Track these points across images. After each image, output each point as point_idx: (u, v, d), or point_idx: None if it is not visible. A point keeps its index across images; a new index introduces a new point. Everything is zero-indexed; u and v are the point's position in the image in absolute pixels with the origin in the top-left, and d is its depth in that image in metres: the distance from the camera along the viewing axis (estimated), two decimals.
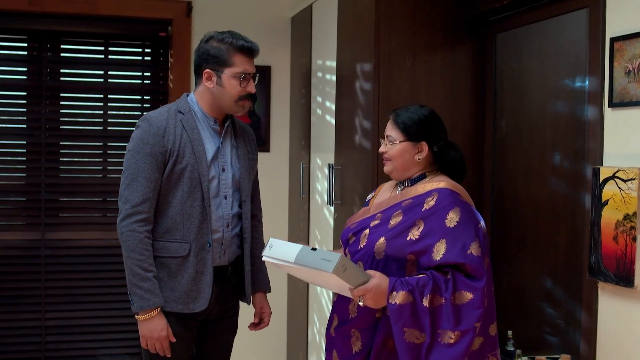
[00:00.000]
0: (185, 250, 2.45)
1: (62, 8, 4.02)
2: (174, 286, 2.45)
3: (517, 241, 3.03)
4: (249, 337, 3.04)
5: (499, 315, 2.26)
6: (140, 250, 2.38)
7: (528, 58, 3.02)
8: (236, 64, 2.46)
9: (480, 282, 2.05)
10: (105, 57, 4.25)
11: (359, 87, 3.15)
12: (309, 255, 2.01)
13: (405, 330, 2.02)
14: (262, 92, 4.31)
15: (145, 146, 2.40)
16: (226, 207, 2.53)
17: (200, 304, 2.47)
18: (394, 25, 3.01)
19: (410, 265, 2.13)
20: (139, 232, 2.38)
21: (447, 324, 2.02)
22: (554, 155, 2.87)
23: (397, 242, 2.14)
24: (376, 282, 2.04)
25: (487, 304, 2.10)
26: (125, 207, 2.39)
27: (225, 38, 2.48)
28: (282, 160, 4.39)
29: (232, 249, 2.57)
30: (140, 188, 2.39)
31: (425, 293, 2.03)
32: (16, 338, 4.13)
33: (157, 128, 2.42)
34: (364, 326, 2.20)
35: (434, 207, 2.14)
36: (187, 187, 2.44)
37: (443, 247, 2.07)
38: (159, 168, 2.42)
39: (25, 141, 4.17)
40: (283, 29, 4.33)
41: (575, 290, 2.60)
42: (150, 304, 2.37)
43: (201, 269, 2.46)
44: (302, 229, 4.03)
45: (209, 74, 2.48)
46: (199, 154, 2.45)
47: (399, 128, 2.28)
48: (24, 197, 4.17)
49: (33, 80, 4.14)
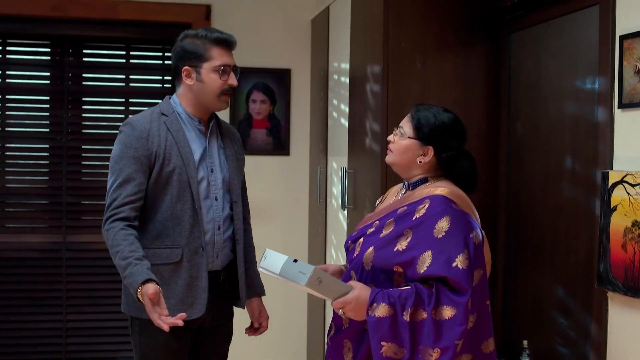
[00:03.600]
0: (177, 255, 2.38)
1: (84, 13, 4.06)
2: (168, 294, 2.35)
3: (533, 248, 2.92)
4: (269, 341, 2.98)
5: (513, 325, 2.15)
6: (118, 242, 2.26)
7: (545, 58, 2.91)
8: (214, 57, 2.40)
9: (464, 297, 1.93)
10: (126, 62, 4.28)
11: (369, 89, 3.09)
12: (289, 267, 1.96)
13: (383, 344, 1.94)
14: (282, 95, 4.29)
15: (128, 150, 2.36)
16: (217, 209, 2.46)
17: (197, 310, 2.39)
18: (403, 26, 2.93)
19: (398, 277, 2.04)
20: (114, 227, 2.29)
21: (428, 340, 1.93)
22: (571, 159, 2.75)
23: (384, 252, 2.06)
24: (356, 293, 1.97)
25: (480, 320, 2.00)
26: (107, 211, 2.35)
27: (199, 33, 2.43)
28: (302, 164, 4.34)
29: (224, 253, 2.50)
30: (123, 192, 2.33)
31: (406, 306, 1.94)
32: (38, 339, 4.17)
33: (141, 131, 2.37)
34: (356, 337, 2.12)
35: (423, 215, 2.04)
36: (175, 191, 2.38)
37: (429, 258, 1.97)
38: (143, 171, 2.36)
39: (48, 145, 4.22)
40: (303, 32, 4.29)
41: (586, 300, 2.49)
42: (136, 286, 2.15)
43: (195, 274, 2.40)
44: (320, 234, 3.98)
45: (188, 71, 2.42)
46: (186, 156, 2.39)
47: (412, 123, 2.16)
48: (46, 200, 4.22)
49: (56, 84, 4.19)
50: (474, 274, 1.99)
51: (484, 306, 2.04)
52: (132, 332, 2.47)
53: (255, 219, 4.22)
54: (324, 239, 3.90)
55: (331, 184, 3.78)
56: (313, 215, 4.23)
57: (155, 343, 2.41)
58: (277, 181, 4.33)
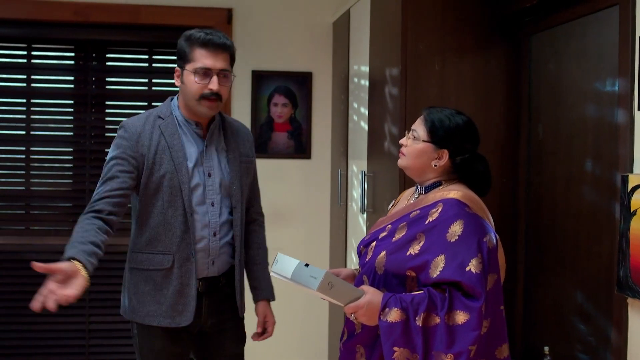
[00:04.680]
0: (168, 262, 2.36)
1: (106, 18, 4.09)
2: (160, 299, 2.36)
3: (554, 253, 2.87)
4: (290, 343, 2.96)
5: (534, 330, 2.11)
6: (76, 230, 2.18)
7: (566, 60, 2.86)
8: (195, 58, 2.32)
9: (477, 301, 1.90)
10: (149, 65, 4.31)
11: (388, 92, 3.07)
12: (301, 271, 1.94)
13: (395, 349, 1.91)
14: (304, 98, 4.28)
15: (117, 150, 2.34)
16: (213, 214, 2.41)
17: (187, 317, 2.38)
18: (421, 28, 2.90)
19: (410, 282, 2.01)
20: (81, 218, 2.23)
21: (441, 346, 1.89)
22: (592, 163, 2.70)
23: (396, 257, 2.03)
24: (368, 298, 1.94)
25: (494, 325, 1.96)
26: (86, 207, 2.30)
27: (192, 33, 2.36)
28: (323, 167, 4.33)
29: (222, 259, 2.46)
30: (103, 189, 2.29)
31: (419, 311, 1.91)
32: (61, 341, 4.22)
33: (132, 133, 2.35)
34: (369, 342, 2.09)
35: (436, 219, 2.01)
36: (167, 196, 2.35)
37: (442, 263, 1.94)
38: (129, 172, 2.32)
39: (72, 148, 4.26)
40: (325, 35, 4.28)
41: (607, 306, 2.43)
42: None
43: (186, 281, 2.37)
44: (341, 238, 3.96)
45: (177, 72, 2.39)
46: (178, 161, 2.35)
47: (425, 126, 2.12)
48: (70, 203, 4.27)
49: (79, 88, 4.23)
50: (488, 278, 1.96)
51: (498, 311, 2.00)
52: (133, 335, 2.49)
53: (277, 223, 4.27)
54: (344, 243, 3.88)
55: (351, 188, 3.76)
56: (334, 219, 4.21)
57: (152, 346, 2.43)
58: (298, 185, 4.32)
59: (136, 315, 2.43)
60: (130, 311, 2.46)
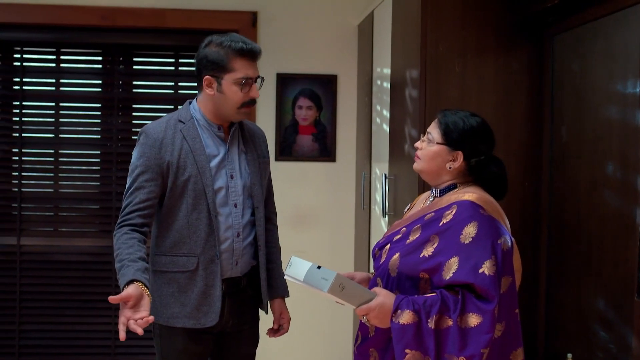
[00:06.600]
0: (193, 264, 2.39)
1: (133, 22, 4.14)
2: (184, 301, 2.39)
3: (577, 258, 2.81)
4: (314, 346, 2.95)
5: (557, 336, 2.07)
6: (118, 246, 2.27)
7: (591, 60, 2.80)
8: (236, 68, 2.37)
9: (490, 304, 1.87)
10: (175, 69, 4.35)
11: (408, 94, 3.04)
12: (313, 273, 1.94)
13: (407, 352, 1.90)
14: (328, 101, 4.27)
15: (141, 158, 2.37)
16: (236, 216, 2.45)
17: (212, 318, 2.41)
18: (441, 29, 2.87)
19: (423, 284, 2.00)
20: (120, 232, 2.31)
21: (453, 348, 1.87)
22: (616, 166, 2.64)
23: (410, 259, 2.02)
24: (380, 300, 1.93)
25: (509, 328, 1.93)
26: (119, 217, 2.37)
27: (224, 41, 2.38)
28: (348, 170, 4.31)
29: (245, 260, 2.49)
30: (133, 200, 2.35)
31: (431, 313, 1.89)
32: (87, 341, 4.28)
33: (154, 140, 2.37)
34: (382, 346, 2.08)
35: (450, 221, 1.99)
36: (191, 199, 2.38)
37: (455, 264, 1.92)
38: (155, 179, 2.36)
39: (99, 151, 4.32)
40: (350, 37, 4.26)
41: (630, 313, 2.37)
42: (122, 287, 2.14)
43: (211, 282, 2.40)
44: (364, 241, 3.94)
45: (209, 81, 2.40)
46: (202, 164, 2.38)
47: (440, 129, 2.12)
48: (97, 205, 4.32)
49: (107, 92, 4.29)
50: (502, 280, 1.94)
51: (512, 315, 1.97)
52: (154, 335, 2.51)
53: (302, 226, 4.27)
54: (367, 246, 3.86)
55: (374, 191, 3.74)
56: (359, 222, 4.19)
57: (174, 346, 2.45)
58: (323, 187, 4.31)
59: (160, 317, 2.45)
60: (153, 313, 2.46)
